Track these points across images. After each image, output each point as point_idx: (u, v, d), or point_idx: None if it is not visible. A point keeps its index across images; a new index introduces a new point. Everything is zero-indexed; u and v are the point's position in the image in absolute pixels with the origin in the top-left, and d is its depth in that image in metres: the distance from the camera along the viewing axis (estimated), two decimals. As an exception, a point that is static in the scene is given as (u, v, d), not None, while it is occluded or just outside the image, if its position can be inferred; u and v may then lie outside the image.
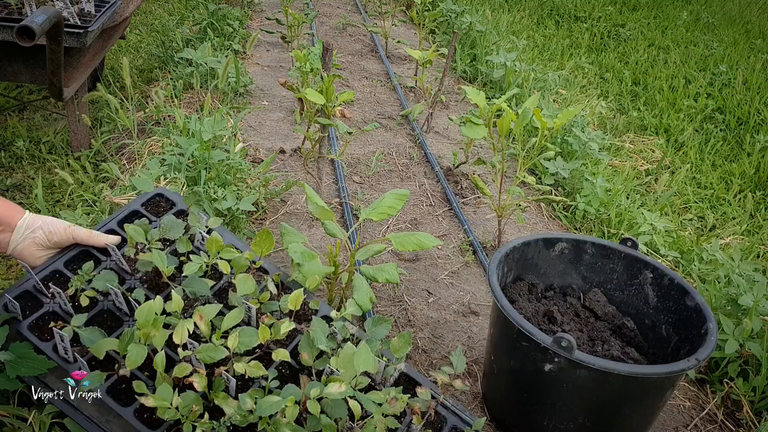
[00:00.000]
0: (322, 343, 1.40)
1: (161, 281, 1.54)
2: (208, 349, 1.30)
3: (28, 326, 1.36)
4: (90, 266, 1.50)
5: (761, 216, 3.37)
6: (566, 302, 1.99)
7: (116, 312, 1.46)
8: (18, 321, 1.36)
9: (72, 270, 1.51)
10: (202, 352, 1.29)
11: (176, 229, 1.60)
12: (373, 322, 1.49)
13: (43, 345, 1.33)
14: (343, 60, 4.77)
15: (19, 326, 1.35)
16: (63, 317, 1.41)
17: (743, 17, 7.86)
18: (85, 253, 1.56)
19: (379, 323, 1.48)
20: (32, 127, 3.20)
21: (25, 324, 1.36)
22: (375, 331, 1.48)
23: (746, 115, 4.61)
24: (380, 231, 2.69)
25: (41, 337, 1.35)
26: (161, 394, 1.20)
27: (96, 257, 1.56)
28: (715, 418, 1.98)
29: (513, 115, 2.26)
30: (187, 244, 1.58)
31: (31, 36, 1.99)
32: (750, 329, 1.97)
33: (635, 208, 3.01)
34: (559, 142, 3.46)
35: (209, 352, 1.30)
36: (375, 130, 3.62)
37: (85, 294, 1.44)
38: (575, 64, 5.34)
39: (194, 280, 1.48)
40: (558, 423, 1.60)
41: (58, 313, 1.42)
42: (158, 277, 1.55)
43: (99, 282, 1.46)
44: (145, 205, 1.73)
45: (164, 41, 4.52)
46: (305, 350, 1.40)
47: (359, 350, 1.31)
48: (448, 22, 5.54)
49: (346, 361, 1.29)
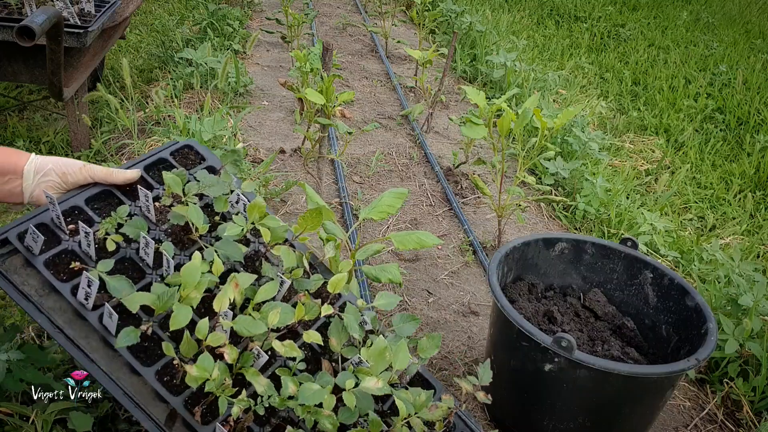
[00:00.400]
0: (356, 331, 1.35)
1: (188, 237, 1.44)
2: (245, 321, 1.23)
3: (44, 262, 1.24)
4: (125, 210, 1.38)
5: (761, 216, 3.37)
6: (566, 302, 1.99)
7: (139, 263, 1.35)
8: (32, 254, 1.24)
9: (93, 209, 1.40)
10: (239, 324, 1.22)
11: (218, 187, 1.49)
12: (401, 318, 1.45)
13: (60, 285, 1.22)
14: (343, 60, 4.77)
15: (33, 260, 1.24)
16: (82, 258, 1.30)
17: (743, 17, 7.86)
18: (107, 193, 1.43)
19: (407, 320, 1.45)
20: (32, 127, 3.20)
21: (41, 259, 1.24)
22: (402, 327, 1.44)
23: (746, 115, 4.61)
24: (380, 231, 2.69)
25: (57, 276, 1.24)
26: (203, 364, 1.14)
27: (119, 199, 1.44)
28: (715, 418, 1.98)
29: (513, 115, 2.26)
30: (225, 205, 1.49)
31: (31, 36, 1.99)
32: (750, 329, 1.97)
33: (635, 208, 3.01)
34: (559, 142, 3.46)
35: (247, 325, 1.22)
36: (375, 130, 3.62)
37: (112, 238, 1.32)
38: (575, 64, 5.34)
39: (228, 244, 1.39)
40: (558, 423, 1.60)
41: (76, 252, 1.30)
42: (185, 233, 1.44)
43: (129, 228, 1.34)
44: (173, 154, 1.61)
45: (164, 41, 4.52)
46: (334, 336, 1.35)
47: (397, 347, 1.28)
48: (448, 22, 5.55)
49: (377, 354, 1.26)
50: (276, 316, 1.25)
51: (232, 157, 1.63)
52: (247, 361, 1.22)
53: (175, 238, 1.43)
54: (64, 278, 1.25)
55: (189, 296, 1.22)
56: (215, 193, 1.48)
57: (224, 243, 1.40)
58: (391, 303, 1.48)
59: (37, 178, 1.32)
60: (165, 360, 1.21)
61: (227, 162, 1.62)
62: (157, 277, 1.34)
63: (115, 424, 1.53)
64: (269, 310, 1.27)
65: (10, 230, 1.26)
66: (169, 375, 1.20)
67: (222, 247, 1.38)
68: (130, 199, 1.45)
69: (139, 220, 1.38)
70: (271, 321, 1.24)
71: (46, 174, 1.33)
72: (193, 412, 1.18)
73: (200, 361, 1.14)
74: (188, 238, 1.44)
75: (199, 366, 1.13)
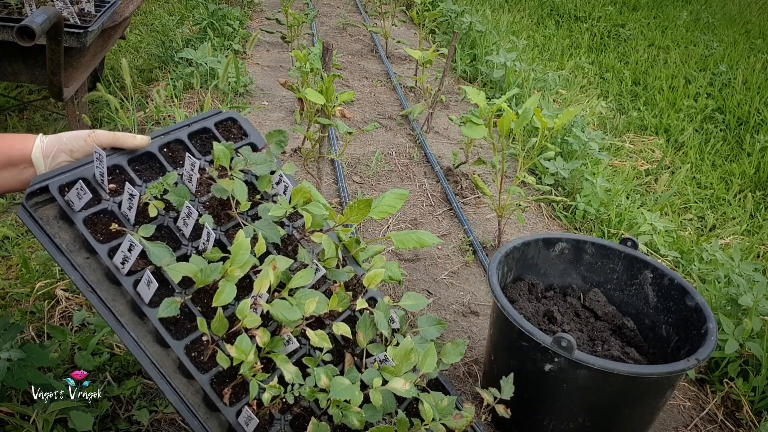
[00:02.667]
0: (385, 328, 1.34)
1: (225, 212, 1.41)
2: (282, 306, 1.21)
3: (84, 220, 1.21)
4: (173, 177, 1.34)
5: (761, 216, 3.37)
6: (566, 302, 1.99)
7: (176, 232, 1.32)
8: (72, 209, 1.21)
9: (135, 170, 1.36)
10: (276, 308, 1.21)
11: (264, 166, 1.45)
12: (427, 320, 1.44)
13: (98, 246, 1.19)
14: (343, 60, 4.77)
15: (73, 216, 1.20)
16: (120, 221, 1.27)
17: (743, 17, 7.86)
18: (150, 155, 1.39)
19: (433, 323, 1.43)
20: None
21: (80, 216, 1.21)
22: (427, 330, 1.42)
23: (746, 115, 4.61)
24: (380, 231, 2.69)
25: (95, 236, 1.21)
26: (242, 345, 1.13)
27: (161, 164, 1.40)
28: (715, 418, 1.98)
29: (513, 115, 2.26)
30: (268, 184, 1.46)
31: (31, 36, 1.99)
32: (750, 329, 1.96)
33: (635, 208, 3.01)
34: (559, 142, 3.46)
35: (284, 310, 1.20)
36: (375, 130, 3.62)
37: (155, 204, 1.29)
38: (575, 64, 5.34)
39: (268, 225, 1.35)
40: (558, 423, 1.60)
41: (115, 213, 1.27)
42: (224, 208, 1.41)
43: (173, 195, 1.31)
44: (217, 126, 1.56)
45: (164, 41, 4.52)
46: (362, 330, 1.34)
47: (427, 350, 1.27)
48: (448, 22, 5.54)
49: (403, 354, 1.25)
50: (313, 304, 1.23)
51: (278, 137, 1.57)
52: (276, 345, 1.21)
53: (213, 212, 1.40)
54: (101, 239, 1.22)
55: (233, 273, 1.20)
56: (261, 172, 1.45)
57: (264, 223, 1.36)
58: (419, 305, 1.45)
59: (47, 162, 1.29)
60: (194, 335, 1.19)
61: (272, 141, 1.56)
62: (193, 249, 1.31)
63: (116, 424, 1.54)
64: (305, 297, 1.25)
65: (51, 180, 1.22)
66: (197, 351, 1.19)
67: (261, 227, 1.35)
68: (170, 164, 1.41)
69: (184, 188, 1.34)
70: (308, 309, 1.23)
71: (56, 157, 1.30)
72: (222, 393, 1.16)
73: (238, 342, 1.13)
74: (225, 214, 1.41)
75: (237, 347, 1.12)
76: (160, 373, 1.14)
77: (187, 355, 1.17)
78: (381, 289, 2.31)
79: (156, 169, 1.39)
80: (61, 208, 1.21)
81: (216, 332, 1.17)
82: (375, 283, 1.39)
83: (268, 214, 1.37)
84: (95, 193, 1.26)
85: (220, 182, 1.36)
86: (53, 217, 1.21)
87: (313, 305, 1.24)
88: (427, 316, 1.45)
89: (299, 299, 1.25)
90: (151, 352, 1.15)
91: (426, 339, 1.39)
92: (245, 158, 1.45)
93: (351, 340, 1.37)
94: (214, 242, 1.31)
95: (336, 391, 1.15)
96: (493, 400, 1.34)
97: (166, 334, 1.16)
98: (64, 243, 1.19)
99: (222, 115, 1.59)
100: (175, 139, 1.46)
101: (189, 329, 1.21)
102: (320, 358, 1.25)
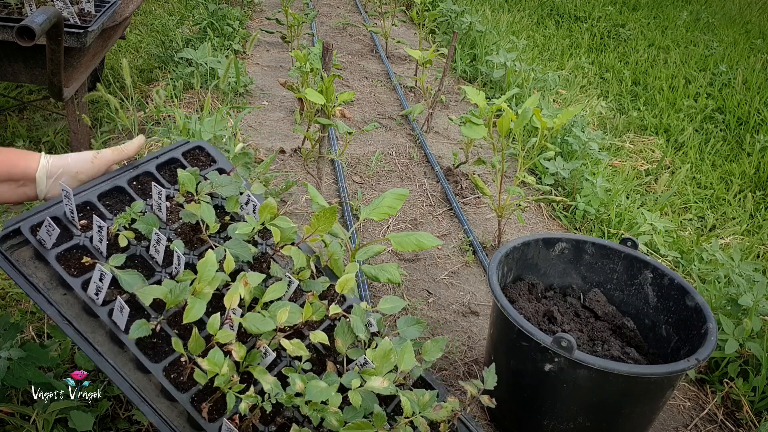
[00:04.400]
0: (362, 332, 1.36)
1: (197, 237, 1.45)
2: (255, 318, 1.24)
3: (56, 256, 1.25)
4: (140, 206, 1.38)
5: (761, 216, 3.37)
6: (566, 302, 1.99)
7: (149, 260, 1.35)
8: (45, 248, 1.24)
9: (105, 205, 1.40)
10: (248, 321, 1.23)
11: (230, 187, 1.50)
12: (406, 321, 1.46)
13: (72, 280, 1.22)
14: (343, 60, 4.77)
15: (46, 254, 1.24)
16: (93, 254, 1.29)
17: (743, 17, 7.86)
18: (119, 189, 1.44)
19: (411, 324, 1.46)
20: (32, 127, 3.20)
21: (53, 253, 1.24)
22: (407, 331, 1.44)
23: (746, 115, 4.61)
24: (380, 231, 2.69)
25: (68, 271, 1.24)
26: (214, 358, 1.15)
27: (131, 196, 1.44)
28: (715, 418, 1.98)
29: (513, 115, 2.26)
30: (236, 205, 1.50)
31: (31, 36, 1.99)
32: (750, 329, 1.97)
33: (635, 208, 3.01)
34: (559, 142, 3.46)
35: (256, 322, 1.23)
36: (375, 130, 3.62)
37: (124, 234, 1.32)
38: (575, 64, 5.34)
39: (238, 244, 1.39)
40: (558, 423, 1.60)
41: (87, 248, 1.30)
42: (195, 233, 1.45)
43: (142, 224, 1.35)
44: (185, 155, 1.60)
45: (164, 41, 4.52)
46: (340, 337, 1.36)
47: (403, 348, 1.29)
48: (448, 22, 5.54)
49: (382, 355, 1.27)
50: (285, 314, 1.25)
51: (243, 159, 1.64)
52: (254, 359, 1.23)
53: (185, 237, 1.43)
54: (75, 273, 1.25)
55: (202, 291, 1.22)
56: (227, 193, 1.48)
57: (234, 242, 1.39)
58: (396, 307, 1.48)
59: (50, 182, 1.33)
60: (172, 357, 1.21)
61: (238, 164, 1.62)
62: (167, 275, 1.34)
63: (116, 424, 1.54)
64: (278, 308, 1.27)
65: (23, 221, 1.26)
66: (176, 372, 1.21)
67: (232, 247, 1.38)
68: (141, 196, 1.45)
69: (152, 216, 1.38)
70: (280, 319, 1.25)
71: (58, 177, 1.34)
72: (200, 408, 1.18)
73: (211, 355, 1.15)
74: (198, 238, 1.44)
75: (210, 360, 1.14)
76: (140, 396, 1.17)
77: (166, 376, 1.18)
78: (381, 290, 2.31)
79: (126, 203, 1.43)
80: (35, 248, 1.24)
81: (193, 351, 1.18)
82: (347, 289, 1.40)
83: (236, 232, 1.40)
84: (66, 230, 1.30)
85: (188, 207, 1.40)
86: (29, 258, 1.25)
87: (286, 315, 1.25)
88: (406, 317, 1.47)
89: (272, 311, 1.27)
90: (133, 378, 1.18)
91: (406, 339, 1.40)
92: (211, 182, 1.48)
93: (332, 348, 1.38)
94: (187, 266, 1.34)
95: (312, 393, 1.16)
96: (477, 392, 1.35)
97: (144, 358, 1.19)
98: (41, 282, 1.23)
99: (190, 144, 1.64)
100: (144, 172, 1.50)
101: (167, 352, 1.23)
102: (300, 367, 1.26)
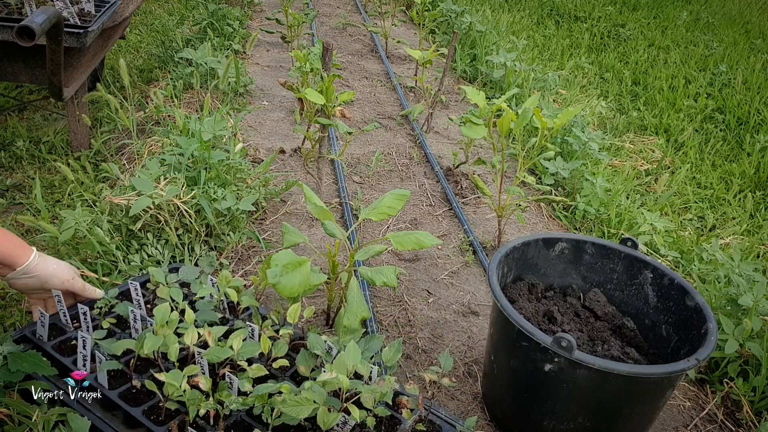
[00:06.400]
0: (318, 349, 1.51)
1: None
2: (214, 350, 1.42)
3: (53, 346, 1.52)
4: (115, 292, 1.69)
5: (761, 216, 3.37)
6: (566, 302, 1.99)
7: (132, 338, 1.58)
8: (43, 342, 1.53)
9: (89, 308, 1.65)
10: (209, 354, 1.41)
11: (191, 272, 1.83)
12: (365, 341, 1.61)
13: (65, 359, 1.47)
14: (343, 60, 4.77)
15: (44, 345, 1.52)
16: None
17: (743, 17, 7.86)
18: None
19: (371, 341, 1.61)
20: (32, 127, 3.20)
21: (50, 344, 1.53)
22: (369, 347, 1.59)
23: (746, 115, 4.61)
24: (380, 231, 2.69)
25: (62, 354, 1.50)
26: (173, 376, 1.31)
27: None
28: (715, 418, 1.98)
29: (513, 115, 2.26)
30: (200, 286, 1.77)
31: (31, 36, 1.99)
32: (750, 329, 1.96)
33: (635, 208, 3.01)
34: (559, 142, 3.46)
35: (215, 352, 1.41)
36: (375, 130, 3.62)
37: (108, 320, 1.59)
38: (575, 64, 5.34)
39: (206, 312, 1.63)
40: (558, 423, 1.60)
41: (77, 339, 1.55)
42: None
43: (121, 307, 1.62)
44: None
45: (164, 41, 4.52)
46: (302, 363, 1.51)
47: (348, 349, 1.41)
48: (448, 22, 5.54)
49: (340, 364, 1.39)
50: (239, 342, 1.44)
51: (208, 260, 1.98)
52: (223, 389, 1.38)
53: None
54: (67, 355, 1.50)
55: (164, 334, 1.44)
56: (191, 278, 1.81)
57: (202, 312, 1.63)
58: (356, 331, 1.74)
59: (20, 276, 1.52)
60: (152, 401, 1.38)
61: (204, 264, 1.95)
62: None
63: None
64: (234, 338, 1.45)
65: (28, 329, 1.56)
66: (156, 414, 1.37)
67: (201, 315, 1.62)
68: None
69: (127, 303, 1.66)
70: (236, 347, 1.43)
71: (30, 276, 1.52)
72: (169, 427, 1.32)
73: (167, 377, 1.31)
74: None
75: (168, 375, 1.30)
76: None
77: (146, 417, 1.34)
78: (381, 290, 2.31)
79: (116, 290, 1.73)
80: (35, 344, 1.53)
81: (167, 391, 1.32)
82: (295, 318, 1.60)
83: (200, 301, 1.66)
84: (61, 330, 1.59)
85: (159, 290, 1.66)
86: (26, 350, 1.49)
87: (239, 342, 1.43)
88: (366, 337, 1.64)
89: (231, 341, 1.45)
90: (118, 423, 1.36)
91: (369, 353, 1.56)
92: (177, 274, 1.80)
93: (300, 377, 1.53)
94: None
95: (258, 389, 1.32)
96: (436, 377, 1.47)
97: (125, 404, 1.35)
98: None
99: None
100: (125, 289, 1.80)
101: (147, 400, 1.40)
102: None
